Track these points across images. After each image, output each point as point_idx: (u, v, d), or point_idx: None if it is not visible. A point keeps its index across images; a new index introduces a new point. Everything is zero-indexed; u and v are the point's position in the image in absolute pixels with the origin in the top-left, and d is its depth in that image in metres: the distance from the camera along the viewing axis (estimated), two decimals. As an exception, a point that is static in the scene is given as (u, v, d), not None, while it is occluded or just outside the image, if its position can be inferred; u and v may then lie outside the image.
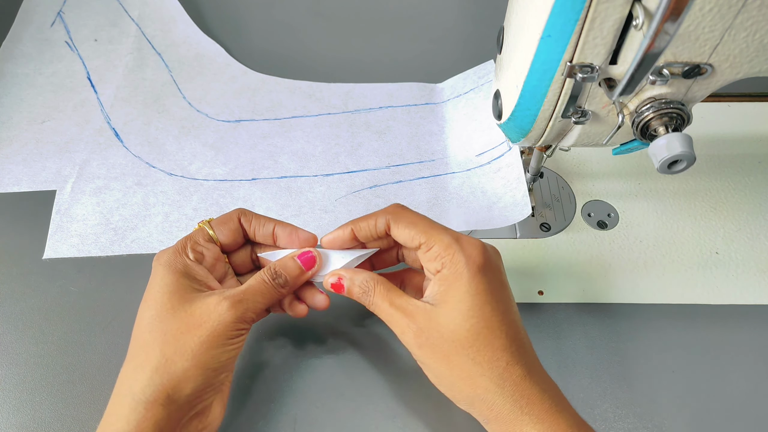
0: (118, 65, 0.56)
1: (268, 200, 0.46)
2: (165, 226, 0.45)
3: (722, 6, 0.25)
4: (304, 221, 0.45)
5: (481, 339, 0.30)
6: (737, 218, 0.45)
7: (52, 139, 0.51)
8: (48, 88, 0.55)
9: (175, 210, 0.46)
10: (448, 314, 0.30)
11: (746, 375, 0.39)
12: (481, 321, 0.30)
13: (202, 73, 0.55)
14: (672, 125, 0.30)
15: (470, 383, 0.30)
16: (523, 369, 0.30)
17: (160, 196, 0.47)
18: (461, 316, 0.30)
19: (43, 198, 0.47)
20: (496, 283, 0.31)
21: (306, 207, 0.46)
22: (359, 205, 0.46)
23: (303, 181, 0.47)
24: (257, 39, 0.59)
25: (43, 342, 0.40)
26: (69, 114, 0.53)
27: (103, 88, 0.54)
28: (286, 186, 0.47)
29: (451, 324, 0.30)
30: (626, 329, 0.40)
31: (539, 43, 0.28)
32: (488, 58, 0.52)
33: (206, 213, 0.46)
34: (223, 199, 0.47)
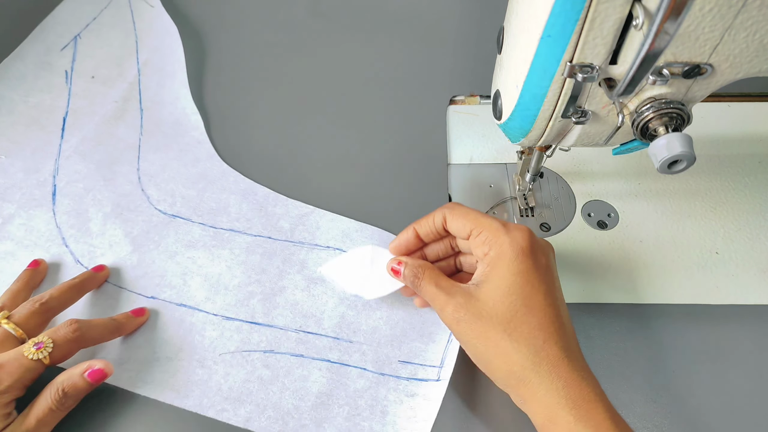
0: (98, 112, 0.53)
1: (152, 328, 0.41)
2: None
3: (722, 6, 0.25)
4: (174, 367, 0.39)
5: (519, 316, 0.31)
6: (737, 218, 0.45)
7: (2, 210, 0.46)
8: (23, 120, 0.52)
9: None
10: (488, 291, 0.32)
11: (746, 375, 0.39)
12: (519, 299, 0.31)
13: (168, 144, 0.50)
14: (672, 125, 0.30)
15: (506, 359, 0.31)
16: (562, 351, 0.30)
17: (46, 284, 0.43)
18: (500, 292, 0.31)
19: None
20: (540, 266, 0.32)
21: (185, 352, 0.39)
22: (240, 371, 0.39)
23: (199, 318, 0.41)
24: (260, 35, 0.59)
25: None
26: (26, 156, 0.50)
27: (71, 134, 0.51)
28: (179, 318, 0.41)
29: (490, 300, 0.31)
30: (627, 329, 0.40)
31: (539, 43, 0.28)
32: (488, 57, 0.52)
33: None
34: (110, 309, 0.42)
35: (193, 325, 0.41)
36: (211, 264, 0.44)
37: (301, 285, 0.43)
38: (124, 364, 0.39)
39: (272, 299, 0.42)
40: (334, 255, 0.44)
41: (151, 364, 0.39)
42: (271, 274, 0.43)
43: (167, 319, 0.41)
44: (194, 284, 0.43)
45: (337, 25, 0.60)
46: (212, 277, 0.43)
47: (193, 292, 0.42)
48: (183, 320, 0.41)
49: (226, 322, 0.41)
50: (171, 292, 0.42)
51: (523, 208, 0.46)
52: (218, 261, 0.44)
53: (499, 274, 0.32)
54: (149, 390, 0.38)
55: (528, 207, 0.46)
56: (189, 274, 0.43)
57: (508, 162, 0.49)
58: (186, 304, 0.42)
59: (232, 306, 0.42)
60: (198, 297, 0.42)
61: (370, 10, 0.62)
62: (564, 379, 0.30)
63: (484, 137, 0.51)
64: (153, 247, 0.45)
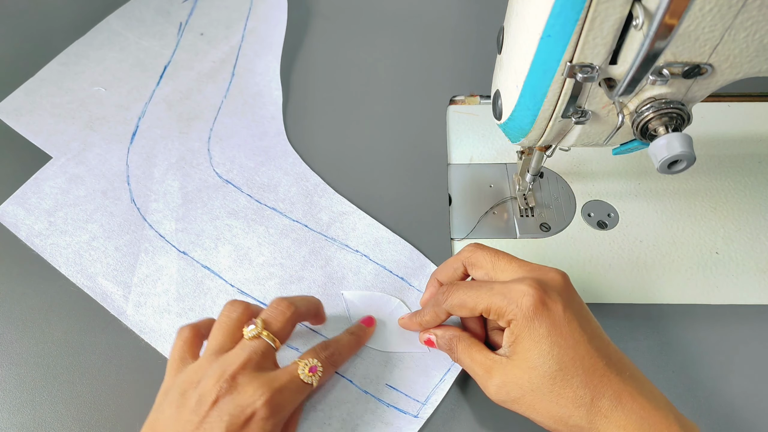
0: (195, 68, 0.56)
1: (176, 284, 0.42)
2: (90, 247, 0.44)
3: (722, 6, 0.25)
4: (179, 324, 0.39)
5: (558, 382, 0.30)
6: (737, 218, 0.45)
7: (89, 107, 0.53)
8: (130, 60, 0.56)
9: (103, 234, 0.45)
10: (520, 366, 0.31)
11: (746, 375, 0.39)
12: (553, 364, 0.30)
13: (245, 113, 0.53)
14: (672, 125, 0.30)
15: (562, 424, 0.30)
16: (612, 398, 0.30)
17: (99, 212, 0.46)
18: (532, 365, 0.31)
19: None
20: (558, 319, 0.31)
21: (194, 312, 0.41)
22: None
23: (217, 284, 0.42)
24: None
25: (43, 342, 0.40)
26: (122, 93, 0.54)
27: (166, 83, 0.55)
28: (200, 279, 0.43)
29: (526, 375, 0.31)
30: (626, 329, 0.40)
31: (539, 43, 0.28)
32: (488, 57, 0.52)
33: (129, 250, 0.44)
34: (144, 253, 0.44)
35: (209, 289, 0.42)
36: (244, 236, 0.45)
37: (319, 281, 0.43)
38: (140, 307, 0.41)
39: (288, 286, 0.42)
40: (360, 260, 0.43)
41: (161, 314, 0.41)
42: (296, 261, 0.44)
43: (189, 277, 0.43)
44: (224, 251, 0.44)
45: (337, 25, 0.60)
46: (242, 248, 0.44)
47: (220, 259, 0.44)
48: (202, 282, 0.43)
49: (239, 296, 0.42)
50: (201, 253, 0.44)
51: (523, 208, 0.46)
52: (252, 235, 0.45)
53: (524, 347, 0.31)
54: (152, 338, 0.40)
55: (528, 207, 0.46)
56: (222, 241, 0.45)
57: (508, 162, 0.49)
58: (210, 268, 0.43)
59: (249, 281, 0.43)
60: (223, 264, 0.43)
61: (370, 10, 0.62)
62: (623, 424, 0.29)
63: (484, 137, 0.51)
64: (200, 206, 0.47)
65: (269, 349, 0.33)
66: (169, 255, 0.44)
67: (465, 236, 0.45)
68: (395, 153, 0.50)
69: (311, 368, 0.33)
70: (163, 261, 0.44)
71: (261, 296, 0.42)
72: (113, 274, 0.43)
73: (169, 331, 0.40)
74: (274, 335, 0.33)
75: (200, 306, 0.41)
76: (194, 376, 0.32)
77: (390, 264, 0.43)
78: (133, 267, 0.43)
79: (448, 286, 0.35)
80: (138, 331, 0.40)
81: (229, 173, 0.49)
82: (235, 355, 0.32)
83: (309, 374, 0.33)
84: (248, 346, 0.33)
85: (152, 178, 0.48)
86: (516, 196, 0.47)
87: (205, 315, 0.41)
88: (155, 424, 0.32)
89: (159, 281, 0.43)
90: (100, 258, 0.44)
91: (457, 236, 0.45)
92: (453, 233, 0.45)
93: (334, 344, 0.36)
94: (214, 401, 0.30)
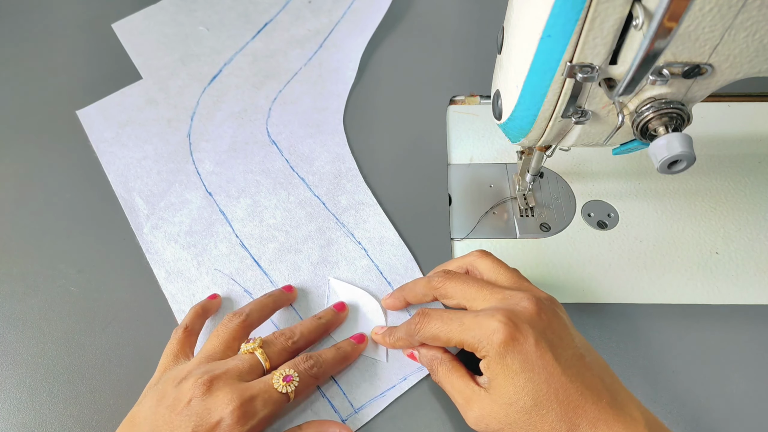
0: (290, 32, 0.58)
1: (192, 219, 0.46)
2: (139, 165, 0.49)
3: (722, 6, 0.25)
4: (179, 255, 0.44)
5: (534, 417, 0.30)
6: (737, 218, 0.45)
7: (188, 43, 0.57)
8: (238, 9, 0.60)
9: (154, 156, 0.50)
10: (497, 401, 0.31)
11: (746, 375, 0.39)
12: (528, 400, 0.30)
13: (315, 84, 0.55)
14: (672, 125, 0.30)
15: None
16: (590, 425, 0.29)
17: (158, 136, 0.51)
18: (509, 401, 0.30)
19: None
20: (531, 352, 0.30)
21: (195, 248, 0.44)
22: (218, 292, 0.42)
23: (224, 230, 0.45)
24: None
25: (43, 342, 0.40)
26: (220, 38, 0.57)
27: (260, 39, 0.57)
28: (212, 221, 0.46)
29: (503, 410, 0.30)
30: (626, 329, 0.40)
31: (539, 43, 0.28)
32: (488, 57, 0.52)
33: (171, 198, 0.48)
34: (178, 185, 0.48)
35: (216, 233, 0.45)
36: (267, 195, 0.48)
37: (314, 259, 0.44)
38: (155, 229, 0.45)
39: (284, 254, 0.44)
40: (358, 253, 0.44)
41: (168, 242, 0.45)
42: (300, 232, 0.46)
43: (204, 216, 0.46)
44: (243, 203, 0.47)
45: (337, 25, 0.60)
46: (260, 205, 0.47)
47: (237, 209, 0.47)
48: (212, 224, 0.46)
49: (239, 248, 0.45)
50: (223, 198, 0.47)
51: (523, 208, 0.46)
52: (273, 196, 0.47)
53: (498, 382, 0.31)
54: (153, 259, 0.44)
55: (528, 207, 0.46)
56: (245, 193, 0.48)
57: (508, 162, 0.49)
58: (225, 213, 0.46)
59: (253, 238, 0.45)
60: (237, 214, 0.46)
61: (370, 10, 0.62)
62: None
63: (484, 137, 0.51)
64: (241, 157, 0.50)
65: (258, 366, 0.34)
66: (197, 192, 0.48)
67: (465, 236, 0.45)
68: (395, 153, 0.50)
69: (285, 377, 0.33)
70: (190, 195, 0.48)
71: (257, 254, 0.44)
72: (147, 194, 0.48)
73: (169, 259, 0.44)
74: (268, 356, 0.34)
75: (202, 245, 0.45)
76: (179, 374, 0.33)
77: (384, 265, 0.44)
78: (165, 193, 0.48)
79: (420, 316, 0.34)
80: (145, 250, 0.44)
81: (279, 135, 0.51)
82: (222, 362, 0.34)
83: (283, 383, 0.33)
84: (238, 357, 0.34)
85: (212, 120, 0.52)
86: (516, 196, 0.47)
87: (203, 254, 0.44)
88: (136, 415, 0.33)
89: (179, 212, 0.47)
90: (143, 176, 0.49)
91: (457, 236, 0.45)
92: (453, 233, 0.45)
93: (316, 357, 0.36)
94: (188, 401, 0.31)
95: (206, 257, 0.44)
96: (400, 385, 0.38)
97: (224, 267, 0.44)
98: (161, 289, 0.43)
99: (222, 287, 0.43)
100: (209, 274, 0.43)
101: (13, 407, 0.38)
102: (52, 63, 0.57)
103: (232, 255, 0.44)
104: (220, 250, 0.44)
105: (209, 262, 0.44)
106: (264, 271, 0.43)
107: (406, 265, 0.44)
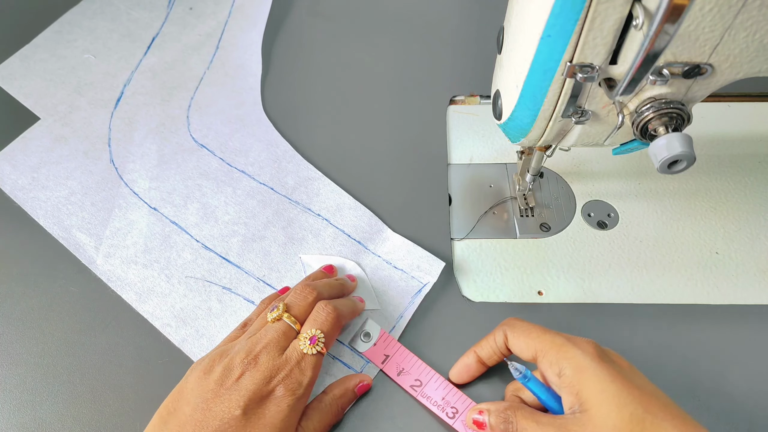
0: (182, 41, 0.58)
1: (145, 237, 0.45)
2: (68, 202, 0.47)
3: (722, 6, 0.25)
4: (145, 274, 0.43)
5: (646, 424, 0.28)
6: (737, 218, 0.45)
7: (78, 73, 0.55)
8: (120, 30, 0.58)
9: (81, 190, 0.48)
10: (598, 414, 0.28)
11: (746, 375, 0.39)
12: (638, 406, 0.28)
13: (225, 83, 0.55)
14: (672, 125, 0.29)
15: None
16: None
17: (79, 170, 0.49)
18: (612, 410, 0.28)
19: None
20: (623, 364, 0.31)
21: (159, 264, 0.43)
22: (196, 297, 0.42)
23: (183, 239, 0.45)
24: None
25: (43, 342, 0.40)
26: (111, 61, 0.56)
27: (153, 54, 0.57)
28: (167, 233, 0.45)
29: (609, 421, 0.28)
30: (626, 329, 0.40)
31: (539, 43, 0.28)
32: (488, 57, 0.52)
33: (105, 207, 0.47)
34: (117, 210, 0.46)
35: (175, 243, 0.45)
36: (213, 195, 0.47)
37: (280, 240, 0.45)
38: (109, 258, 0.44)
39: (250, 244, 0.45)
40: (321, 224, 0.45)
41: (128, 265, 0.44)
42: (259, 221, 0.46)
43: (158, 231, 0.45)
44: (192, 209, 0.47)
45: (337, 25, 0.60)
46: (209, 207, 0.47)
47: (188, 216, 0.46)
48: (169, 237, 0.45)
49: (203, 251, 0.44)
50: (171, 210, 0.47)
51: (523, 208, 0.46)
52: (220, 195, 0.47)
53: (595, 391, 0.29)
54: (118, 286, 0.43)
55: (528, 207, 0.46)
56: (191, 199, 0.47)
57: (508, 162, 0.49)
58: (178, 224, 0.46)
59: (214, 238, 0.45)
60: (190, 221, 0.46)
61: (370, 10, 0.62)
62: None
63: (484, 137, 0.51)
64: (174, 167, 0.49)
65: (290, 330, 0.35)
66: (141, 211, 0.46)
67: (465, 236, 0.45)
68: (395, 153, 0.50)
69: (311, 339, 0.34)
70: (134, 216, 0.46)
71: (224, 252, 0.44)
72: (87, 227, 0.46)
73: (134, 280, 0.43)
74: (296, 318, 0.35)
75: (165, 258, 0.44)
76: (225, 350, 0.35)
77: (349, 228, 0.45)
78: (107, 221, 0.46)
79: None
80: (106, 280, 0.43)
81: (205, 138, 0.51)
82: (260, 335, 0.35)
83: (310, 346, 0.34)
84: (271, 328, 0.35)
85: (132, 141, 0.51)
86: (516, 196, 0.47)
87: (169, 267, 0.44)
88: (183, 386, 0.34)
89: (129, 234, 0.45)
90: (77, 212, 0.46)
91: (457, 236, 0.45)
92: (453, 233, 0.45)
93: (336, 307, 0.36)
94: (239, 376, 0.33)
95: (173, 269, 0.43)
96: (399, 324, 0.41)
97: (195, 272, 0.43)
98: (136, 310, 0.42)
99: (199, 291, 0.42)
100: (182, 283, 0.43)
101: (13, 407, 0.38)
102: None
103: (199, 259, 0.44)
104: (185, 258, 0.44)
105: (178, 272, 0.43)
106: (236, 265, 0.44)
107: (369, 222, 0.45)
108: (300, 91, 0.55)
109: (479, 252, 0.44)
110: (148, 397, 0.38)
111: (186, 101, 0.53)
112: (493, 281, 0.43)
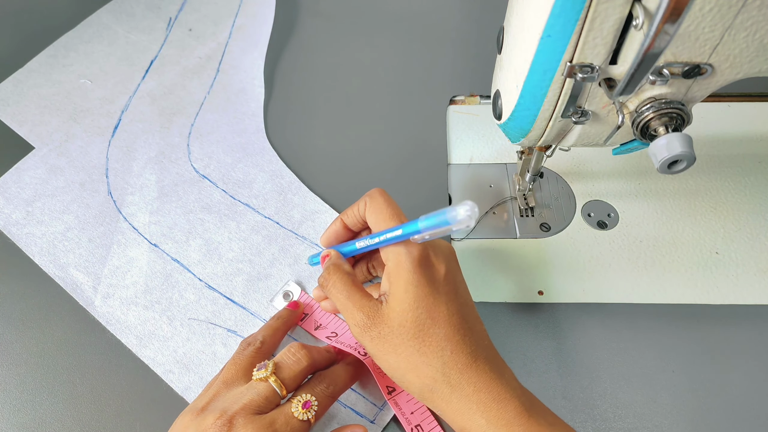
0: (181, 63, 0.56)
1: (145, 276, 0.43)
2: (64, 238, 0.45)
3: (722, 6, 0.25)
4: (146, 316, 0.41)
5: (425, 329, 0.31)
6: (737, 218, 0.45)
7: (74, 100, 0.53)
8: (118, 53, 0.56)
9: (78, 225, 0.45)
10: (394, 307, 0.31)
11: (746, 375, 0.39)
12: (424, 312, 0.31)
13: (227, 109, 0.53)
14: (672, 125, 0.30)
15: (417, 373, 0.31)
16: (469, 357, 0.31)
17: (75, 203, 0.46)
18: (406, 306, 0.31)
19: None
20: (438, 275, 0.32)
21: (161, 305, 0.41)
22: (200, 341, 0.40)
23: (185, 278, 0.43)
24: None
25: (43, 342, 0.40)
26: (108, 86, 0.54)
27: (151, 78, 0.55)
28: (169, 272, 0.43)
29: (398, 317, 0.31)
30: (626, 329, 0.41)
31: (539, 43, 0.28)
32: (488, 57, 0.52)
33: (102, 242, 0.44)
34: (116, 245, 0.44)
35: (177, 282, 0.43)
36: (216, 231, 0.45)
37: (287, 279, 0.43)
38: (108, 298, 0.42)
39: (255, 282, 0.43)
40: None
41: (128, 306, 0.42)
42: (265, 258, 0.44)
43: (159, 269, 0.43)
44: (194, 245, 0.45)
45: (337, 25, 0.60)
46: (212, 243, 0.45)
47: (190, 252, 0.44)
48: (171, 275, 0.43)
49: (207, 290, 0.42)
50: (172, 246, 0.44)
51: (523, 208, 0.46)
52: (223, 230, 0.45)
53: (401, 289, 0.31)
54: (117, 329, 0.41)
55: (528, 207, 0.46)
56: (193, 234, 0.45)
57: (508, 162, 0.49)
58: (180, 261, 0.44)
59: (218, 276, 0.43)
60: (192, 258, 0.44)
61: (370, 10, 0.62)
62: (474, 384, 0.30)
63: (484, 137, 0.51)
64: (175, 200, 0.47)
65: (274, 395, 0.32)
66: (141, 247, 0.44)
67: (465, 236, 0.45)
68: (395, 153, 0.50)
69: (305, 404, 0.32)
70: (134, 253, 0.44)
71: (228, 292, 0.42)
72: (84, 264, 0.43)
73: (135, 323, 0.41)
74: (283, 382, 0.33)
75: (167, 299, 0.42)
76: (200, 403, 0.33)
77: None
78: (105, 258, 0.44)
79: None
80: (104, 323, 0.41)
81: (206, 168, 0.49)
82: (239, 393, 0.32)
83: (303, 411, 0.32)
84: (254, 387, 0.32)
85: (131, 172, 0.49)
86: (516, 196, 0.47)
87: (171, 308, 0.42)
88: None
89: (128, 273, 0.43)
90: (73, 249, 0.44)
91: (456, 236, 0.45)
92: (453, 233, 0.45)
93: (330, 376, 0.35)
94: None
95: (175, 310, 0.41)
96: None
97: (198, 314, 0.41)
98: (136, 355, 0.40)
99: (203, 335, 0.40)
100: (185, 326, 0.41)
101: (13, 407, 0.38)
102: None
103: (202, 299, 0.42)
104: (188, 299, 0.42)
105: (181, 314, 0.41)
106: (241, 306, 0.42)
107: None
108: (300, 91, 0.55)
109: (479, 252, 0.44)
110: (148, 397, 0.38)
111: (186, 128, 0.51)
112: (493, 281, 0.43)
